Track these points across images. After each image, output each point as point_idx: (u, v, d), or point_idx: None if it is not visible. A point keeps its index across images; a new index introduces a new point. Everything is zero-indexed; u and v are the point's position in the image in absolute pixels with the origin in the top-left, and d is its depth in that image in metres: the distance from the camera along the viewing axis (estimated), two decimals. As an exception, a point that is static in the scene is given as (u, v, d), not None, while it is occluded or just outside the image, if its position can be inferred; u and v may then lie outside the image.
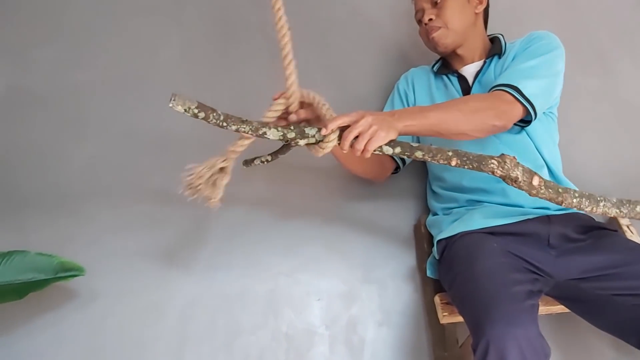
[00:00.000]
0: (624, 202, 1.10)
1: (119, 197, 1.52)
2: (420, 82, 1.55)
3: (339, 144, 1.08)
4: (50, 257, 1.29)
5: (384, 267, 1.54)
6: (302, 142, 1.08)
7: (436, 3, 1.43)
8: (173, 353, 1.38)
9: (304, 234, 1.55)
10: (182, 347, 1.39)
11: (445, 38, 1.42)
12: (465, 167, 1.05)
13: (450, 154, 1.06)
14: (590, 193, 1.10)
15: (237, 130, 1.03)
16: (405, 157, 1.39)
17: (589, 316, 1.25)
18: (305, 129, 1.07)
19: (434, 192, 1.51)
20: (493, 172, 1.05)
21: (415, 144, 1.07)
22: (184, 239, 1.50)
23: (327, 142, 1.06)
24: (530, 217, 1.28)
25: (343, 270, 1.52)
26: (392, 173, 1.54)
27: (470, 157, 1.05)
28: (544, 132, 1.41)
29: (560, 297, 1.26)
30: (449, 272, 1.25)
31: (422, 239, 1.51)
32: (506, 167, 1.04)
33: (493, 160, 1.04)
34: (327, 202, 1.59)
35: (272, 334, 1.43)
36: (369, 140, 1.06)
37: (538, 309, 1.10)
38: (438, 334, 1.39)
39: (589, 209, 1.09)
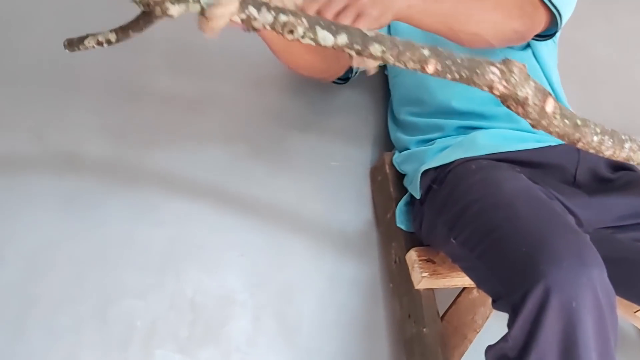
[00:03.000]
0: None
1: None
2: None
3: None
4: None
5: (332, 218, 1.13)
6: (174, 11, 0.64)
7: None
8: (11, 321, 0.88)
9: (222, 166, 1.10)
10: (27, 311, 0.89)
11: None
12: (449, 76, 0.68)
13: (426, 53, 0.67)
14: (614, 131, 0.75)
15: None
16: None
17: (620, 281, 0.92)
18: None
19: (402, 121, 1.14)
20: (491, 88, 0.67)
21: (371, 32, 0.68)
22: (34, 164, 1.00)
23: (217, 16, 0.63)
24: (553, 144, 0.95)
25: (277, 223, 1.09)
26: (339, 81, 1.16)
27: (458, 61, 0.67)
28: (549, 54, 1.14)
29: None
30: (450, 206, 0.87)
31: (386, 182, 1.11)
32: (512, 80, 0.68)
33: (493, 68, 0.67)
34: (253, 128, 1.16)
35: (171, 299, 0.97)
36: (355, 18, 0.74)
37: None
38: (411, 304, 0.99)
39: (609, 152, 0.75)
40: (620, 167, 1.00)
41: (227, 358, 0.95)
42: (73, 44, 0.74)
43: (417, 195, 0.99)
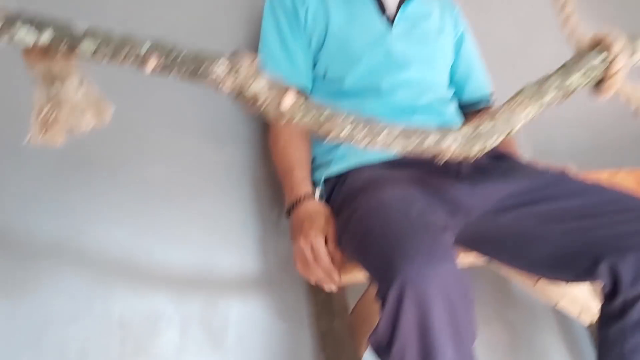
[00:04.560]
0: (412, 131, 0.74)
1: None
2: None
3: None
4: None
5: (248, 228, 1.22)
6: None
7: None
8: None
9: (142, 190, 1.17)
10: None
11: None
12: (175, 72, 0.64)
13: (146, 47, 0.63)
14: (369, 118, 0.72)
15: None
16: None
17: (511, 256, 1.03)
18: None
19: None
20: (217, 85, 0.64)
21: (82, 27, 0.63)
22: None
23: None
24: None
25: (196, 234, 1.17)
26: None
27: (182, 56, 0.63)
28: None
29: (473, 240, 1.03)
30: (342, 212, 0.98)
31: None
32: (240, 75, 0.63)
33: (220, 64, 0.63)
34: (173, 146, 1.22)
35: (100, 320, 1.04)
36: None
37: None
38: (322, 302, 1.10)
39: (364, 142, 0.71)
40: (498, 156, 1.11)
41: (159, 369, 1.05)
42: None
43: (324, 197, 1.09)
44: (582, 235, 0.92)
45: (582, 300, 1.21)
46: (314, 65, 1.25)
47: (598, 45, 0.82)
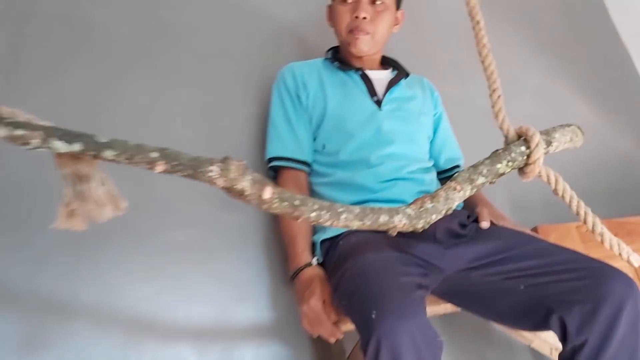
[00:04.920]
0: (367, 211, 0.92)
1: None
2: (312, 80, 1.49)
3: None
4: None
5: (259, 283, 1.40)
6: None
7: (374, 3, 1.46)
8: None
9: (167, 253, 1.36)
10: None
11: (366, 45, 1.47)
12: (177, 173, 0.81)
13: (154, 155, 0.79)
14: (331, 203, 0.90)
15: None
16: None
17: (480, 308, 1.22)
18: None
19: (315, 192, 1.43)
20: (212, 182, 0.81)
21: (105, 138, 0.79)
22: (17, 267, 1.24)
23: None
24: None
25: (214, 290, 1.35)
26: None
27: (183, 161, 0.80)
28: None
29: (448, 292, 1.22)
30: (335, 272, 1.16)
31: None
32: (230, 175, 0.79)
33: (213, 167, 0.79)
34: (192, 214, 1.42)
35: (134, 369, 1.22)
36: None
37: (426, 302, 1.04)
38: (322, 348, 1.28)
39: (329, 222, 0.89)
40: (473, 220, 1.30)
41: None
42: None
43: (321, 260, 1.27)
44: (537, 291, 1.10)
45: (551, 341, 1.38)
46: (314, 139, 1.45)
47: (521, 137, 1.03)
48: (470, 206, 1.39)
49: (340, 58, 1.54)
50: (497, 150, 1.04)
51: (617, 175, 1.93)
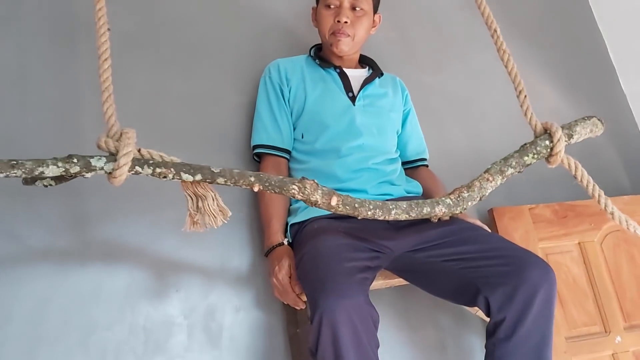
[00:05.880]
0: (412, 205, 1.20)
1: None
2: (295, 76, 1.65)
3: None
4: None
5: (241, 255, 1.61)
6: (88, 175, 1.01)
7: (354, 9, 1.61)
8: (24, 355, 1.34)
9: (160, 228, 1.56)
10: (34, 348, 1.35)
11: (347, 46, 1.63)
12: (269, 191, 1.10)
13: (252, 179, 1.08)
14: (383, 202, 1.19)
15: (7, 177, 0.93)
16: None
17: (424, 284, 1.42)
18: (91, 160, 1.00)
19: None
20: (294, 197, 1.11)
21: (217, 169, 1.08)
22: (31, 239, 1.45)
23: (118, 175, 1.01)
24: (373, 202, 1.42)
25: (201, 260, 1.57)
26: None
27: (273, 182, 1.08)
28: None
29: (399, 269, 1.43)
30: (298, 254, 1.36)
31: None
32: (306, 192, 1.09)
33: (294, 186, 1.09)
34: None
35: (129, 327, 1.44)
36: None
37: (371, 282, 1.25)
38: (291, 314, 1.49)
39: (382, 217, 1.18)
40: None
41: (171, 362, 1.45)
42: (27, 181, 1.06)
43: (290, 240, 1.47)
44: (469, 273, 1.29)
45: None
46: (294, 129, 1.63)
47: (546, 131, 1.21)
48: (429, 195, 1.57)
49: (321, 56, 1.71)
50: (525, 144, 1.23)
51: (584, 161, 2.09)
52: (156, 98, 1.69)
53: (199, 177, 1.05)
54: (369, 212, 1.15)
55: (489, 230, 1.47)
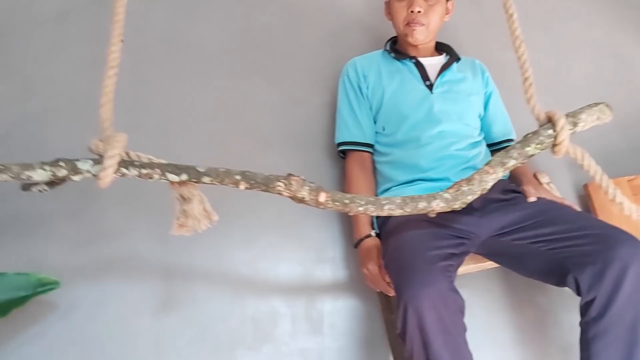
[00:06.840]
0: (407, 200, 1.13)
1: (83, 214, 1.62)
2: (372, 72, 1.72)
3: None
4: (27, 275, 1.39)
5: (335, 247, 1.71)
6: (76, 178, 1.02)
7: None
8: (152, 349, 1.53)
9: (260, 226, 1.69)
10: (160, 342, 1.53)
11: (422, 35, 1.66)
12: (255, 189, 1.07)
13: (238, 177, 1.06)
14: (376, 198, 1.13)
15: None
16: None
17: (514, 266, 1.44)
18: (78, 163, 1.01)
19: (378, 170, 1.69)
20: (281, 194, 1.07)
21: (202, 168, 1.06)
22: (148, 246, 1.63)
23: (102, 177, 1.01)
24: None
25: (298, 254, 1.69)
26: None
27: (258, 179, 1.05)
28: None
29: (488, 253, 1.46)
30: (384, 244, 1.43)
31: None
32: (293, 188, 1.05)
33: (279, 182, 1.05)
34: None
35: (240, 319, 1.59)
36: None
37: (456, 268, 1.29)
38: (385, 300, 1.57)
39: (375, 213, 1.12)
40: (512, 190, 1.49)
41: (279, 348, 1.57)
42: (25, 187, 1.04)
43: (378, 231, 1.54)
44: (557, 254, 1.29)
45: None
46: (375, 123, 1.69)
47: (550, 120, 1.16)
48: (516, 177, 1.59)
49: (397, 49, 1.75)
50: (527, 134, 1.17)
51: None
52: (243, 104, 1.82)
53: (184, 177, 1.04)
54: (360, 208, 1.10)
55: (578, 209, 1.45)
